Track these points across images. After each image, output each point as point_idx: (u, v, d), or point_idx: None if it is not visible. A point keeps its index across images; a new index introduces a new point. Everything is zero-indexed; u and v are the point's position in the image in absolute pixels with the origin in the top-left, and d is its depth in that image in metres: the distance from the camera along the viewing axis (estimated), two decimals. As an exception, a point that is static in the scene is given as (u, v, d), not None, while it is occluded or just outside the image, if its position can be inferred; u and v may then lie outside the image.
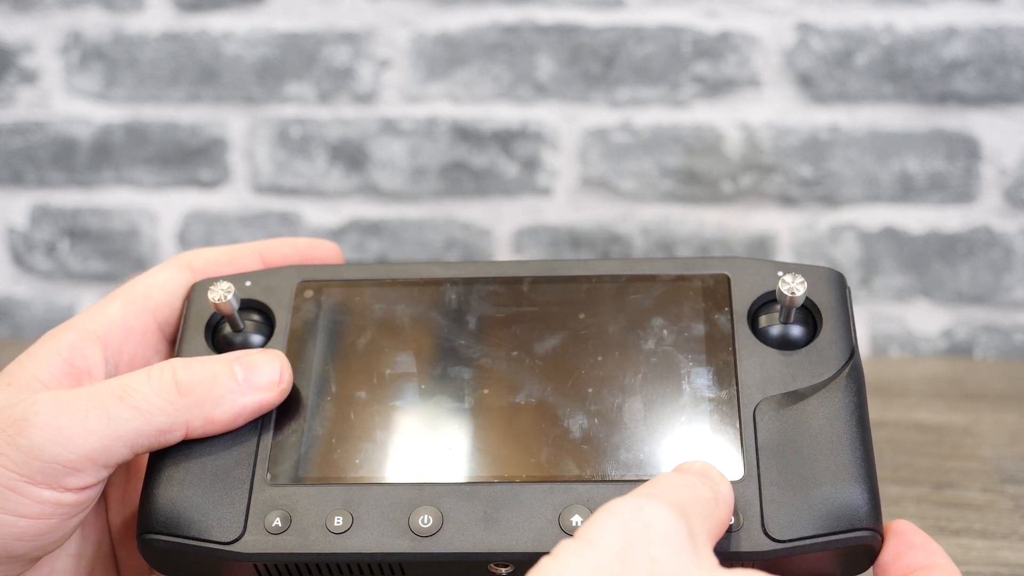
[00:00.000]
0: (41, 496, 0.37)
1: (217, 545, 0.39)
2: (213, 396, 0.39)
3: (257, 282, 0.45)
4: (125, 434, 0.38)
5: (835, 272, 0.43)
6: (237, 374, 0.40)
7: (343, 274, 0.45)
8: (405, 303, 0.45)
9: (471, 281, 0.45)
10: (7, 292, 0.99)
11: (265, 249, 0.47)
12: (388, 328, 0.44)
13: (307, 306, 0.44)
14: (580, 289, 0.44)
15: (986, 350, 0.89)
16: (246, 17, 0.91)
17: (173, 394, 0.39)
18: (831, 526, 0.38)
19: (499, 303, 0.44)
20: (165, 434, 0.39)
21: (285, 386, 0.41)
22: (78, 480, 0.38)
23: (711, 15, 0.86)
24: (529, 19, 0.88)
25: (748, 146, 0.88)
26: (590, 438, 0.41)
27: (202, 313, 0.44)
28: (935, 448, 0.68)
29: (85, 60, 0.94)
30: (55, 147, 0.95)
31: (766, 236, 0.89)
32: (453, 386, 0.43)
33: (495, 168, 0.91)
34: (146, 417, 0.38)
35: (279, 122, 0.93)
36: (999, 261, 0.87)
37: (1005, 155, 0.85)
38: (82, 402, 0.38)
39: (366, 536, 0.38)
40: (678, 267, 0.44)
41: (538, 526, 0.38)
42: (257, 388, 0.40)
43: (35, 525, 0.38)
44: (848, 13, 0.85)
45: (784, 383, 0.41)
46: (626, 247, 0.90)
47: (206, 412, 0.39)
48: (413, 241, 0.93)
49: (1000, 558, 0.55)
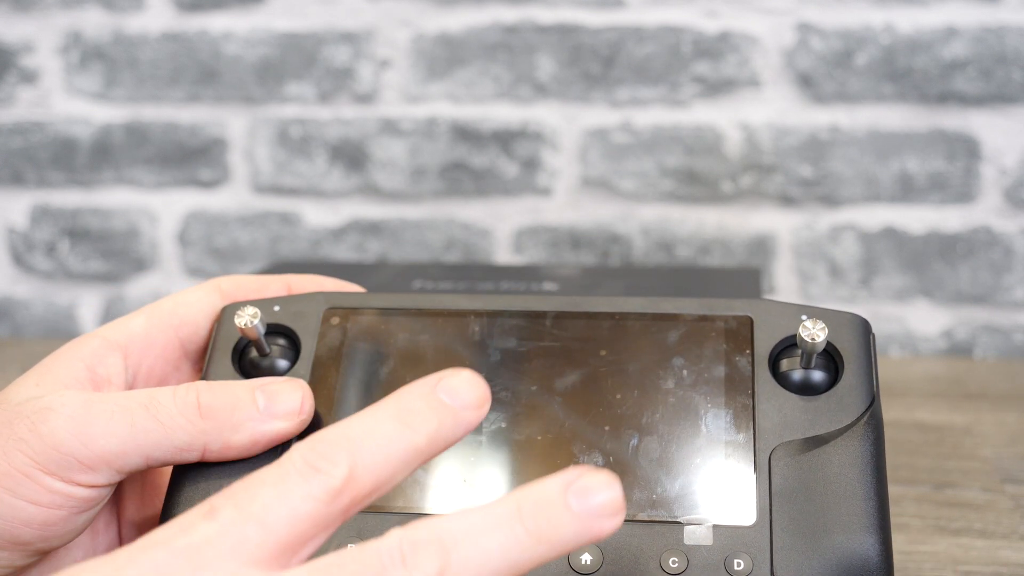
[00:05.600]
0: (53, 486, 0.38)
1: None
2: (233, 422, 0.40)
3: (285, 307, 0.45)
4: (144, 444, 0.39)
5: (860, 318, 0.43)
6: (259, 402, 0.41)
7: (369, 302, 0.46)
8: (429, 333, 0.45)
9: (495, 314, 0.45)
10: (7, 292, 0.99)
11: (293, 281, 0.48)
12: (411, 357, 0.44)
13: (333, 333, 0.45)
14: (603, 326, 0.44)
15: (986, 350, 0.89)
16: (246, 17, 0.91)
17: (195, 415, 0.40)
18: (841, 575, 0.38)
19: (521, 337, 0.44)
20: (182, 452, 0.40)
21: (305, 416, 0.41)
22: (90, 478, 0.39)
23: (711, 15, 0.86)
24: (529, 19, 0.88)
25: (748, 146, 0.88)
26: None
27: (230, 336, 0.45)
28: (935, 448, 0.68)
29: (85, 60, 0.94)
30: (55, 147, 0.95)
31: (766, 236, 0.89)
32: None
33: (495, 168, 0.91)
34: (167, 432, 0.39)
35: (279, 122, 0.93)
36: (999, 261, 0.87)
37: (1005, 155, 0.85)
38: (109, 405, 0.39)
39: None
40: (702, 308, 0.44)
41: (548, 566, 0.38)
42: (277, 416, 0.41)
43: (43, 513, 0.38)
44: (848, 13, 0.85)
45: (802, 429, 0.41)
46: (626, 247, 0.90)
47: (224, 437, 0.40)
48: (413, 241, 0.93)
49: (1000, 558, 0.55)
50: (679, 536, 0.38)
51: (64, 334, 0.98)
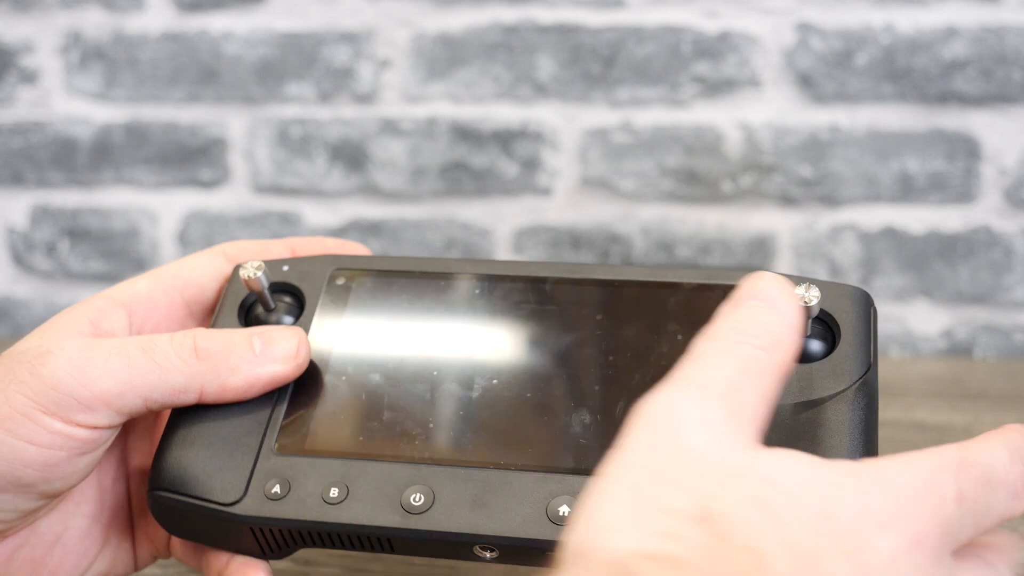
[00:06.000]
0: (52, 426, 0.39)
1: (217, 505, 0.40)
2: (229, 364, 0.41)
3: (294, 267, 0.47)
4: (142, 385, 0.40)
5: (860, 290, 0.43)
6: (255, 346, 0.42)
7: (375, 265, 0.47)
8: (431, 295, 0.46)
9: (497, 278, 0.46)
10: (7, 292, 0.99)
11: (297, 244, 0.49)
12: (411, 317, 0.46)
13: (337, 292, 0.46)
14: (601, 292, 0.45)
15: (986, 350, 0.89)
16: (246, 17, 0.91)
17: (191, 357, 0.41)
18: None
19: (520, 300, 0.45)
20: (179, 393, 0.41)
21: (301, 361, 0.43)
22: (89, 418, 0.40)
23: (711, 15, 0.86)
24: (529, 19, 0.88)
25: (748, 146, 0.88)
26: (590, 433, 0.41)
27: (238, 293, 0.46)
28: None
29: (85, 60, 0.94)
30: (55, 147, 0.95)
31: (766, 236, 0.89)
32: (464, 374, 0.43)
33: (495, 168, 0.91)
34: (163, 373, 0.40)
35: (279, 122, 0.93)
36: (999, 261, 0.87)
37: (1005, 155, 0.85)
38: (107, 347, 0.40)
39: (358, 508, 0.40)
40: (702, 277, 0.44)
41: (525, 513, 0.38)
42: (273, 360, 0.42)
43: (43, 454, 0.39)
44: (848, 13, 0.85)
45: (794, 394, 0.41)
46: (626, 247, 0.90)
47: (221, 378, 0.41)
48: (413, 241, 0.93)
49: (1000, 558, 0.55)
50: None
51: (64, 334, 0.98)
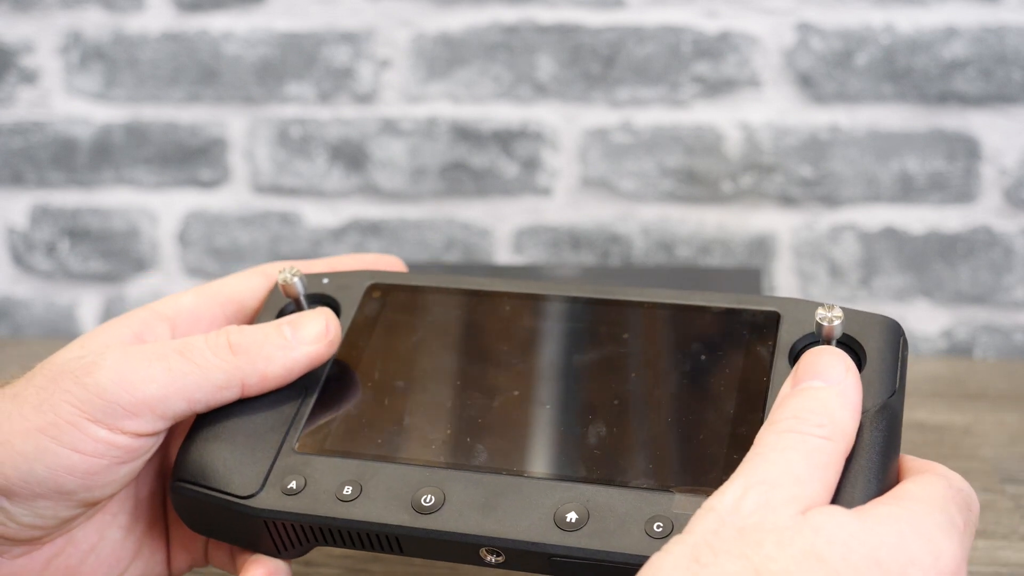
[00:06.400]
0: (97, 434, 0.40)
1: (235, 498, 0.41)
2: (264, 354, 0.43)
3: (333, 280, 0.49)
4: (183, 387, 0.41)
5: (891, 320, 0.43)
6: (286, 332, 0.43)
7: (411, 281, 0.49)
8: (462, 309, 0.47)
9: (528, 297, 0.47)
10: (7, 292, 0.99)
11: (336, 263, 0.51)
12: (441, 330, 0.47)
13: (371, 304, 0.48)
14: (629, 313, 0.46)
15: (986, 350, 0.89)
16: (246, 17, 0.91)
17: (227, 353, 0.42)
18: None
19: (549, 318, 0.46)
20: (221, 390, 0.42)
21: (332, 338, 0.44)
22: (134, 425, 0.40)
23: (711, 15, 0.86)
24: (529, 19, 0.88)
25: (748, 146, 0.88)
26: (604, 445, 0.41)
27: (277, 302, 0.48)
28: (935, 448, 0.68)
29: (85, 60, 0.94)
30: (55, 147, 0.95)
31: (766, 236, 0.89)
32: (487, 385, 0.44)
33: (495, 168, 0.91)
34: (203, 372, 0.41)
35: (279, 122, 0.93)
36: (999, 261, 0.87)
37: (1005, 155, 0.85)
38: (147, 353, 0.41)
39: (369, 506, 0.40)
40: (731, 301, 0.45)
41: (533, 518, 0.39)
42: (305, 343, 0.43)
43: (86, 462, 0.40)
44: (848, 13, 0.85)
45: None
46: (626, 247, 0.90)
47: (259, 369, 0.42)
48: (413, 241, 0.93)
49: (1000, 558, 0.55)
50: (668, 504, 0.39)
51: (64, 334, 0.98)
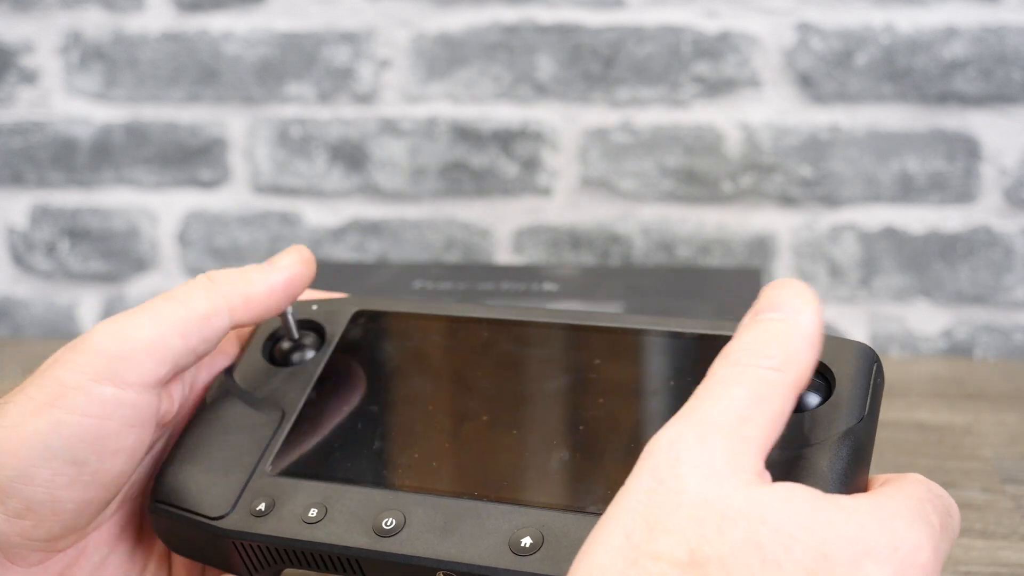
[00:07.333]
0: (104, 394, 0.40)
1: (205, 519, 0.42)
2: (245, 278, 0.44)
3: (322, 307, 0.50)
4: (174, 323, 0.42)
5: (864, 346, 0.42)
6: (262, 264, 0.45)
7: (396, 307, 0.49)
8: (440, 335, 0.48)
9: (506, 323, 0.47)
10: (7, 292, 0.99)
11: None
12: (419, 356, 0.48)
13: (355, 330, 0.49)
14: (605, 339, 0.46)
15: (986, 350, 0.89)
16: (246, 17, 0.91)
17: (206, 282, 0.44)
18: None
19: (526, 344, 0.47)
20: (210, 319, 0.43)
21: (307, 256, 0.45)
22: (136, 374, 0.41)
23: (711, 15, 0.86)
24: (529, 19, 0.88)
25: (748, 146, 0.88)
26: (565, 471, 0.41)
27: (267, 328, 0.49)
28: (935, 448, 0.68)
29: (85, 60, 0.94)
30: (55, 147, 0.95)
31: (766, 236, 0.89)
32: (457, 411, 0.45)
33: (495, 168, 0.91)
34: (186, 304, 0.43)
35: (279, 122, 0.93)
36: (999, 261, 0.87)
37: (1005, 155, 0.85)
38: (132, 310, 0.43)
39: (332, 529, 0.41)
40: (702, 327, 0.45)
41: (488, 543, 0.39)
42: (282, 267, 0.45)
43: (97, 426, 0.40)
44: (848, 13, 0.85)
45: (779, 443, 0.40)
46: (626, 247, 0.90)
47: (241, 290, 0.44)
48: (413, 241, 0.93)
49: (1000, 558, 0.55)
50: None
51: (64, 334, 0.98)
